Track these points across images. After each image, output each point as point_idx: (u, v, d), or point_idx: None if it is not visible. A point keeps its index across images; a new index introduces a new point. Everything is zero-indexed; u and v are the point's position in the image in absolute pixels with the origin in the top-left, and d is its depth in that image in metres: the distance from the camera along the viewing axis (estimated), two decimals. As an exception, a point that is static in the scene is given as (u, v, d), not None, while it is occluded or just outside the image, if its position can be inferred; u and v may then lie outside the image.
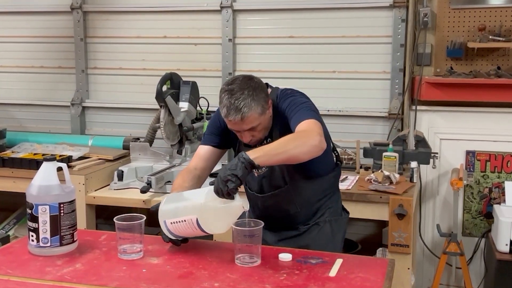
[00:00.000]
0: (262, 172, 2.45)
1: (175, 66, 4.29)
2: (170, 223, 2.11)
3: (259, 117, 2.25)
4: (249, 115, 2.21)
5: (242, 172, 1.95)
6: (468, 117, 3.91)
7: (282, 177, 2.42)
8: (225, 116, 2.24)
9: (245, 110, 2.20)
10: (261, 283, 1.87)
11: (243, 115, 2.20)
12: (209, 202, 2.00)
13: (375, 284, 1.88)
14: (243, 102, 2.20)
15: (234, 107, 2.20)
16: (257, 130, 2.29)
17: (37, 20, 4.72)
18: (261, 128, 2.30)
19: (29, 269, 1.98)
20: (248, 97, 2.21)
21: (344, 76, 4.12)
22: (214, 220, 2.01)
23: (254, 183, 2.50)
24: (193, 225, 2.03)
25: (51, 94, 4.77)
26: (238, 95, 2.21)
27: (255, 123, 2.25)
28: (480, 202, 3.98)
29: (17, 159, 3.80)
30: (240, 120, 2.21)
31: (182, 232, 2.11)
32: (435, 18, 3.91)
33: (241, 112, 2.20)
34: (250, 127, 2.26)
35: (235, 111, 2.20)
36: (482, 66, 3.86)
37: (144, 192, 3.46)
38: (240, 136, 2.34)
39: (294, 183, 2.43)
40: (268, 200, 2.48)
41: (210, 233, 2.11)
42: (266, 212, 2.51)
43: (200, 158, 2.51)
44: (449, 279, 4.02)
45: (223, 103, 2.23)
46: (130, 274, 1.94)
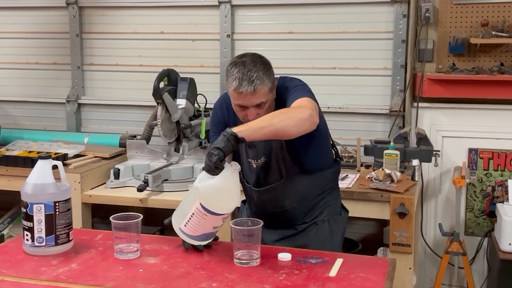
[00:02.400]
0: (260, 163, 2.42)
1: (172, 62, 4.28)
2: (184, 225, 2.09)
3: (268, 93, 2.26)
4: (261, 88, 2.21)
5: (224, 143, 1.98)
6: (470, 114, 3.89)
7: (279, 170, 2.41)
8: (235, 88, 2.21)
9: (257, 82, 2.20)
10: (260, 283, 1.87)
11: (256, 87, 2.19)
12: (204, 183, 2.01)
13: (376, 284, 1.87)
14: (256, 74, 2.20)
15: (247, 78, 2.19)
16: (263, 109, 2.27)
17: (32, 16, 4.71)
18: (267, 106, 2.28)
19: (23, 269, 1.98)
20: (261, 71, 2.22)
21: (344, 73, 4.11)
22: (217, 197, 2.01)
23: (251, 175, 2.47)
24: (203, 214, 2.02)
25: (46, 91, 4.76)
26: (251, 67, 2.22)
27: (264, 99, 2.24)
28: (483, 200, 3.96)
29: (12, 157, 3.79)
30: (252, 91, 2.20)
31: (199, 229, 2.07)
32: (437, 13, 3.90)
33: (253, 84, 2.19)
34: (258, 103, 2.24)
35: (248, 82, 2.19)
36: (485, 62, 3.85)
37: (141, 190, 3.45)
38: (244, 115, 2.29)
39: (291, 177, 2.41)
40: (265, 194, 2.45)
41: (224, 212, 2.06)
42: (263, 207, 2.49)
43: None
44: (451, 279, 4.01)
45: (234, 75, 2.22)
46: (126, 274, 1.94)
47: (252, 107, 2.24)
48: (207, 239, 2.12)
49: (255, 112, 2.25)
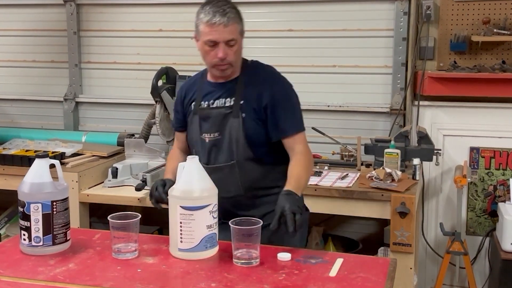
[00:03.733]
0: (213, 138, 2.46)
1: (171, 60, 4.27)
2: (180, 242, 2.09)
3: (238, 33, 2.35)
4: (233, 23, 2.30)
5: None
6: (472, 112, 3.88)
7: (231, 150, 2.44)
8: (208, 20, 2.28)
9: (231, 15, 2.30)
10: (260, 283, 1.86)
11: (228, 19, 2.28)
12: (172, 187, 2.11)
13: (377, 285, 1.86)
14: (229, 9, 2.31)
15: (221, 11, 2.28)
16: (233, 50, 2.34)
17: (29, 13, 4.70)
18: (236, 49, 2.36)
19: (21, 269, 1.97)
20: (233, 9, 2.34)
21: (344, 71, 4.09)
22: (191, 190, 2.06)
23: (203, 151, 2.49)
24: (188, 215, 2.04)
25: (43, 89, 4.74)
26: (225, 3, 2.33)
27: (235, 35, 2.32)
28: (484, 200, 3.95)
29: (9, 156, 3.78)
30: (225, 23, 2.28)
31: (194, 235, 2.06)
32: (438, 10, 3.88)
33: (226, 16, 2.28)
34: (230, 38, 2.31)
35: (222, 14, 2.28)
36: (486, 60, 3.84)
37: (139, 189, 3.45)
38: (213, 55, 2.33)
39: (242, 161, 2.43)
40: (213, 174, 2.31)
41: (206, 203, 2.05)
42: None
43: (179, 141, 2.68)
44: (453, 279, 4.00)
45: (207, 10, 2.30)
46: (124, 274, 1.93)
47: (223, 43, 2.30)
48: (210, 246, 2.07)
49: (225, 51, 2.32)
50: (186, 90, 2.58)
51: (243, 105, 2.41)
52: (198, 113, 2.49)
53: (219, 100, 2.45)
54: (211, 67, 2.41)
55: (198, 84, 2.55)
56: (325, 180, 3.46)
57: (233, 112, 2.41)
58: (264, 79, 2.45)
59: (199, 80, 2.56)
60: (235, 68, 2.42)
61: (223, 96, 2.45)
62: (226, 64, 2.36)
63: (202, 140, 2.48)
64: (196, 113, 2.50)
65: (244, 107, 2.41)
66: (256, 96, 2.40)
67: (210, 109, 2.46)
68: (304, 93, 4.08)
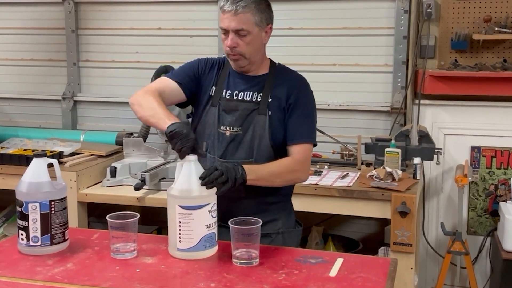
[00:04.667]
0: (234, 133, 2.35)
1: (170, 58, 4.25)
2: (179, 242, 2.05)
3: (252, 24, 2.26)
4: (243, 12, 2.22)
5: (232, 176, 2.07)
6: (473, 111, 3.88)
7: (251, 147, 2.34)
8: (221, 7, 2.25)
9: (242, 4, 2.22)
10: (259, 283, 1.85)
11: (238, 8, 2.21)
12: (170, 187, 2.07)
13: (377, 285, 1.85)
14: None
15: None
16: (245, 40, 2.26)
17: (27, 11, 4.70)
18: (249, 40, 2.27)
19: (18, 269, 1.96)
20: (252, 0, 2.25)
21: (345, 69, 4.09)
22: (189, 189, 2.02)
23: (220, 145, 2.36)
24: (187, 214, 2.01)
25: (41, 87, 4.73)
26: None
27: (245, 26, 2.24)
28: (485, 199, 3.95)
29: (6, 155, 3.77)
30: (234, 11, 2.22)
31: (193, 234, 2.03)
32: (439, 9, 3.88)
33: (237, 4, 2.22)
34: (238, 28, 2.23)
35: (233, 1, 2.23)
36: (487, 58, 3.84)
37: (138, 189, 3.44)
38: (225, 44, 2.28)
39: (260, 160, 2.32)
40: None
41: (204, 202, 2.02)
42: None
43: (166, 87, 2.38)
44: (454, 279, 4.00)
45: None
46: (123, 274, 1.92)
47: (232, 32, 2.24)
48: (210, 246, 2.05)
49: (235, 40, 2.25)
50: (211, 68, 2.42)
51: (271, 103, 2.33)
52: (220, 104, 2.36)
53: (246, 92, 2.37)
54: (226, 56, 2.35)
55: (222, 70, 2.43)
56: (325, 179, 3.45)
57: (260, 109, 2.33)
58: (294, 81, 2.39)
59: (224, 65, 2.43)
60: (252, 62, 2.33)
61: (251, 89, 2.36)
62: (237, 55, 2.28)
63: (220, 133, 2.36)
64: (215, 105, 2.37)
65: (271, 106, 2.33)
66: (284, 96, 2.34)
67: (238, 102, 2.36)
68: (304, 91, 4.12)
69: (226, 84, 2.39)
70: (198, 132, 2.40)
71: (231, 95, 2.37)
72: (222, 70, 2.42)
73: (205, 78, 2.41)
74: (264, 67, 2.40)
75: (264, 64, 2.41)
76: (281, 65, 2.46)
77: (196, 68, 2.42)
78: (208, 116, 2.38)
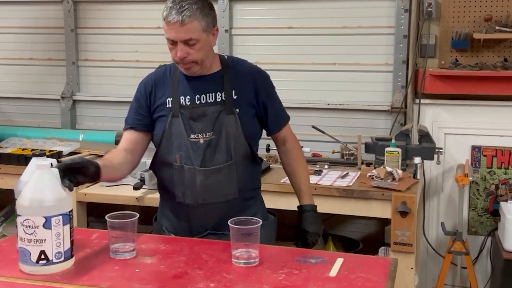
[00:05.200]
0: (208, 138, 2.30)
1: (169, 58, 3.99)
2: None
3: (200, 32, 2.19)
4: (190, 22, 2.16)
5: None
6: (473, 111, 3.87)
7: (228, 149, 2.31)
8: (165, 17, 2.18)
9: (187, 13, 2.15)
10: (259, 283, 1.83)
11: (184, 18, 2.14)
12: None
13: (377, 285, 1.84)
14: (188, 6, 2.16)
15: (178, 7, 2.16)
16: (195, 48, 2.20)
17: (26, 10, 4.69)
18: (199, 47, 2.21)
19: (17, 269, 1.93)
20: (195, 5, 2.17)
21: (345, 69, 4.07)
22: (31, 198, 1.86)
23: (196, 154, 2.29)
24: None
25: (40, 87, 4.73)
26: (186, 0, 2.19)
27: (194, 35, 2.18)
28: (486, 199, 3.94)
29: (5, 155, 3.78)
30: (180, 22, 2.15)
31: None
32: (440, 8, 3.87)
33: (182, 14, 2.14)
34: (188, 38, 2.17)
35: (177, 11, 2.15)
36: (488, 58, 3.83)
37: (137, 188, 3.44)
38: (174, 54, 2.23)
39: (239, 160, 2.32)
40: (211, 177, 2.29)
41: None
42: (204, 196, 2.32)
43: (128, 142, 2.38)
44: (454, 279, 4.00)
45: (167, 5, 2.19)
46: (122, 274, 1.90)
47: (181, 43, 2.18)
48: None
49: (185, 50, 2.19)
50: (155, 84, 2.37)
51: (237, 99, 2.30)
52: (184, 113, 2.29)
53: (207, 94, 2.31)
54: (176, 64, 2.30)
55: (169, 79, 2.36)
56: (325, 179, 3.44)
57: (227, 109, 2.29)
58: (252, 73, 2.37)
59: (168, 74, 2.37)
60: (204, 65, 2.28)
61: (211, 89, 2.31)
62: (189, 63, 2.22)
63: (193, 142, 2.29)
64: (176, 115, 2.30)
65: (238, 103, 2.30)
66: (251, 91, 2.33)
67: (204, 106, 2.29)
68: (304, 91, 4.13)
69: (181, 91, 2.32)
70: (164, 146, 2.34)
71: (192, 100, 2.30)
72: (172, 78, 2.36)
73: (154, 99, 2.36)
74: (216, 64, 2.34)
75: (215, 61, 2.35)
76: (230, 57, 2.44)
77: (141, 101, 2.38)
78: (173, 127, 2.31)
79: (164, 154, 2.34)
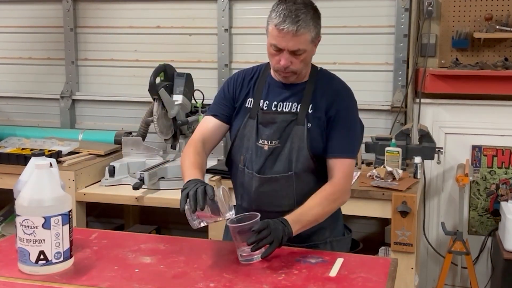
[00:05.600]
0: (272, 146, 2.26)
1: (169, 57, 4.24)
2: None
3: (309, 43, 2.14)
4: (303, 32, 2.09)
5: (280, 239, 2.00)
6: (474, 110, 3.86)
7: (289, 160, 2.25)
8: (277, 23, 2.09)
9: (302, 24, 2.08)
10: (259, 283, 1.84)
11: (299, 28, 2.07)
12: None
13: (377, 285, 1.84)
14: (303, 15, 2.09)
15: (293, 15, 2.08)
16: (299, 59, 2.15)
17: (25, 10, 4.68)
18: (303, 58, 2.16)
19: (16, 269, 1.93)
20: (309, 14, 2.11)
21: (345, 68, 4.04)
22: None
23: (258, 160, 2.26)
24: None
25: (39, 86, 4.72)
26: (301, 7, 2.10)
27: (303, 46, 2.12)
28: (486, 199, 3.94)
29: (4, 154, 3.77)
30: (293, 32, 2.07)
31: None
32: (440, 7, 3.86)
33: (297, 24, 2.07)
34: (296, 49, 2.12)
35: (292, 20, 2.07)
36: (488, 57, 3.82)
37: (137, 188, 3.43)
38: (277, 60, 2.16)
39: (300, 172, 2.25)
40: (266, 185, 2.26)
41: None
42: (258, 202, 2.29)
43: (206, 129, 2.35)
44: (455, 279, 3.99)
45: (280, 11, 2.09)
46: (122, 274, 1.91)
47: (288, 52, 2.12)
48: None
49: (289, 60, 2.13)
50: (243, 81, 2.35)
51: (311, 114, 2.23)
52: (258, 117, 2.26)
53: (285, 103, 2.26)
54: (274, 70, 2.24)
55: (259, 79, 2.33)
56: (326, 178, 3.42)
57: (298, 119, 2.22)
58: (337, 91, 2.27)
59: (261, 73, 2.34)
60: (301, 75, 2.25)
61: (290, 100, 2.26)
62: (289, 72, 2.18)
63: (259, 147, 2.26)
64: (253, 117, 2.27)
65: (311, 116, 2.23)
66: (324, 107, 2.23)
67: (276, 113, 2.25)
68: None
69: (264, 94, 2.30)
70: (236, 145, 2.33)
71: (269, 106, 2.27)
72: (259, 79, 2.33)
73: (238, 94, 2.34)
74: (307, 74, 2.29)
75: (306, 71, 2.29)
76: (323, 70, 2.34)
77: (227, 91, 2.36)
78: (247, 129, 2.30)
79: (235, 153, 2.34)
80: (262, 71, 2.34)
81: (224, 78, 4.15)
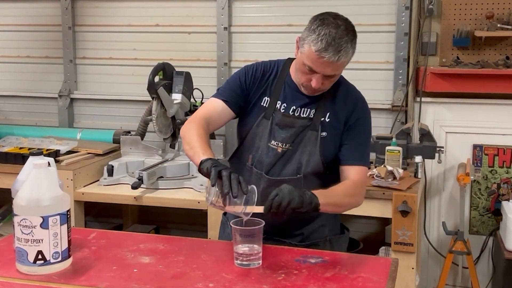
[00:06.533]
0: (285, 149, 2.24)
1: (167, 55, 4.24)
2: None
3: (343, 67, 2.13)
4: (343, 61, 2.08)
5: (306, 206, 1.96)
6: (475, 109, 3.86)
7: (299, 163, 2.24)
8: (319, 49, 2.03)
9: (343, 54, 2.05)
10: (258, 283, 1.83)
11: (340, 58, 2.04)
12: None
13: (378, 285, 1.84)
14: (345, 44, 2.05)
15: (336, 45, 2.03)
16: (331, 81, 2.14)
17: (23, 8, 4.68)
18: (334, 79, 2.15)
19: (14, 269, 1.92)
20: (350, 42, 2.07)
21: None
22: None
23: (269, 160, 2.24)
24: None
25: (37, 85, 4.72)
26: (343, 34, 2.05)
27: (338, 71, 2.12)
28: (488, 198, 3.93)
29: (2, 154, 3.78)
30: (334, 61, 2.04)
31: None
32: (441, 5, 3.85)
33: (339, 55, 2.03)
34: (331, 74, 2.10)
35: (335, 50, 2.03)
36: (490, 56, 3.81)
37: (135, 188, 3.44)
38: (307, 79, 2.13)
39: (308, 175, 2.23)
40: (274, 187, 2.18)
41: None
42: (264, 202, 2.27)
43: (213, 110, 2.28)
44: (456, 279, 3.99)
45: (322, 35, 2.04)
46: (120, 274, 1.90)
47: (321, 75, 2.09)
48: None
49: (321, 81, 2.11)
50: (262, 77, 2.29)
51: (328, 122, 2.23)
52: (275, 118, 2.24)
53: (303, 109, 2.24)
54: (301, 85, 2.20)
55: (277, 78, 2.29)
56: (326, 178, 3.41)
57: (312, 125, 2.22)
58: (356, 99, 2.28)
59: (280, 72, 2.29)
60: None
61: (308, 106, 2.24)
62: (317, 91, 2.17)
63: (271, 148, 2.24)
64: (268, 118, 2.25)
65: (328, 125, 2.23)
66: (343, 118, 2.23)
67: (294, 118, 2.24)
68: (304, 89, 4.09)
69: (281, 96, 2.26)
70: (246, 143, 2.30)
71: (287, 109, 2.25)
72: (277, 79, 2.29)
73: (254, 88, 2.29)
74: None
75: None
76: (341, 78, 2.29)
77: (243, 81, 2.29)
78: (260, 128, 2.26)
79: (244, 151, 2.31)
80: (280, 71, 2.30)
81: (224, 77, 4.15)
